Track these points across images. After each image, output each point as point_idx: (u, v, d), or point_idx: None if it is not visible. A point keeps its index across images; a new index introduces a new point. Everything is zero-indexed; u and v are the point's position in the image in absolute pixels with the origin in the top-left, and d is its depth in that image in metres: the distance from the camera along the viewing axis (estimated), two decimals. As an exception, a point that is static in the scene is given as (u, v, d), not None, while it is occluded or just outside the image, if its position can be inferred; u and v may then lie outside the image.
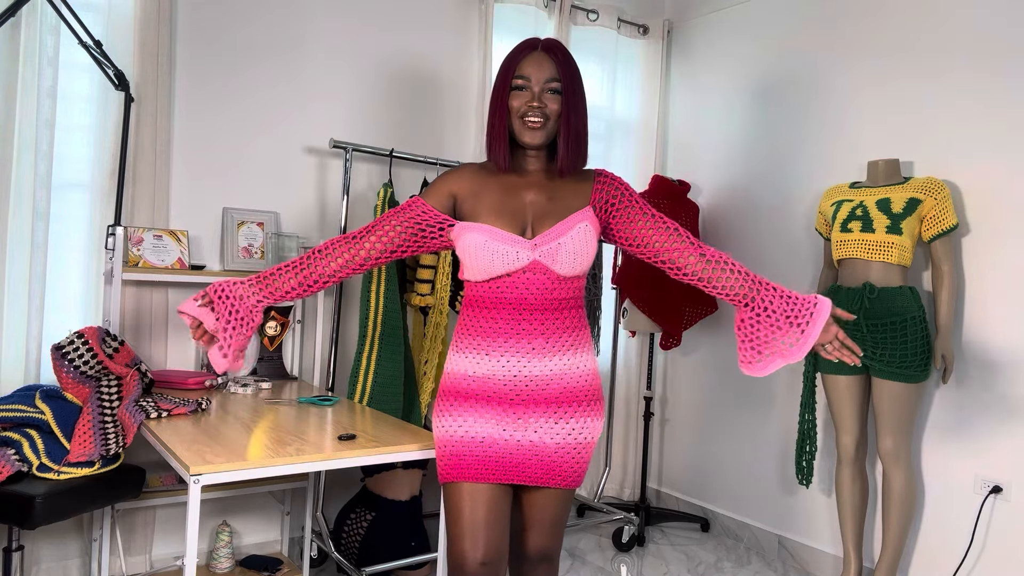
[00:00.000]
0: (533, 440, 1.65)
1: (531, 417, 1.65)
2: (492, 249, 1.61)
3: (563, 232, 1.64)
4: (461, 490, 1.64)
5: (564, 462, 1.68)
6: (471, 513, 1.62)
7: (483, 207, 1.67)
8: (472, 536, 1.61)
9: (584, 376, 1.70)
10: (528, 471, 1.66)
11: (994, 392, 2.66)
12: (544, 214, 1.66)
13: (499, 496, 1.65)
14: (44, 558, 2.52)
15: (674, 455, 3.86)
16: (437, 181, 1.73)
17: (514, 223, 1.65)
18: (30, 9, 2.37)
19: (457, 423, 1.66)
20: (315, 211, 3.02)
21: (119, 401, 2.16)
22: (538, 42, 1.68)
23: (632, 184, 3.87)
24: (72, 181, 2.56)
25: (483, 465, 1.63)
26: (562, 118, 1.65)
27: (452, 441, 1.66)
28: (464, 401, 1.67)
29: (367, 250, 1.70)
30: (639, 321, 3.42)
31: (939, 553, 2.78)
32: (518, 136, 1.66)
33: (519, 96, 1.65)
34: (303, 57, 2.96)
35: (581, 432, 1.68)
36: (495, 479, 1.64)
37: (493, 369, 1.65)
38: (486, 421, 1.65)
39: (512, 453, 1.65)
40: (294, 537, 3.00)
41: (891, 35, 3.00)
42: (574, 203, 1.69)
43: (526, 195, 1.68)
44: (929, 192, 2.61)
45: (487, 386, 1.66)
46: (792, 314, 1.65)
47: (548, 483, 1.68)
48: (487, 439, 1.64)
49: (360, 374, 2.73)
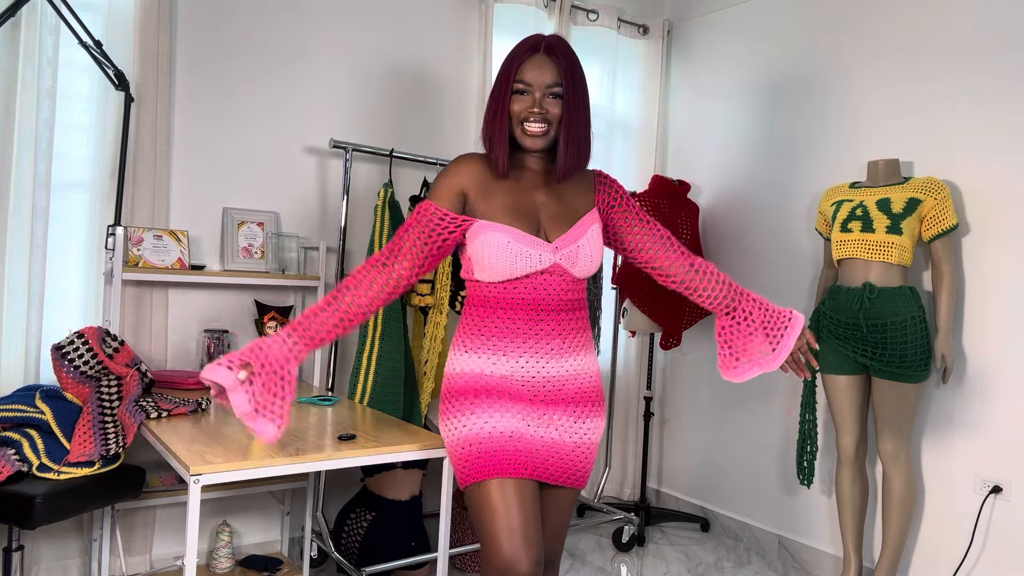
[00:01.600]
0: (555, 438, 1.65)
1: (554, 415, 1.65)
2: (515, 251, 1.59)
3: (580, 235, 1.64)
4: (501, 487, 1.54)
5: (579, 461, 1.68)
6: (519, 510, 1.53)
7: (496, 207, 1.63)
8: (523, 535, 1.51)
9: (592, 376, 1.72)
10: (551, 469, 1.65)
11: (994, 392, 2.66)
12: (555, 216, 1.66)
13: (536, 493, 1.60)
14: (44, 558, 2.52)
15: (674, 455, 3.86)
16: (442, 180, 1.65)
17: (528, 225, 1.63)
18: (30, 9, 2.37)
19: (482, 420, 1.60)
20: (315, 211, 3.02)
21: (119, 401, 2.16)
22: (540, 43, 1.64)
23: (632, 184, 3.87)
24: (72, 181, 2.56)
25: (515, 460, 1.57)
26: (563, 123, 1.63)
27: (480, 438, 1.58)
28: (486, 398, 1.62)
29: (399, 272, 1.60)
30: (639, 321, 3.42)
31: (939, 553, 2.78)
32: (519, 141, 1.65)
33: (520, 101, 1.62)
34: (303, 57, 2.96)
35: (592, 432, 1.70)
36: (527, 474, 1.58)
37: (512, 370, 1.63)
38: (512, 416, 1.62)
39: (538, 449, 1.63)
40: (294, 537, 3.00)
41: (891, 36, 3.00)
42: (582, 205, 1.70)
43: (536, 196, 1.67)
44: (929, 192, 2.61)
45: (506, 384, 1.63)
46: (769, 325, 1.73)
47: (565, 482, 1.67)
48: (515, 433, 1.60)
49: (360, 374, 2.73)
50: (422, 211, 1.62)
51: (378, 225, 2.76)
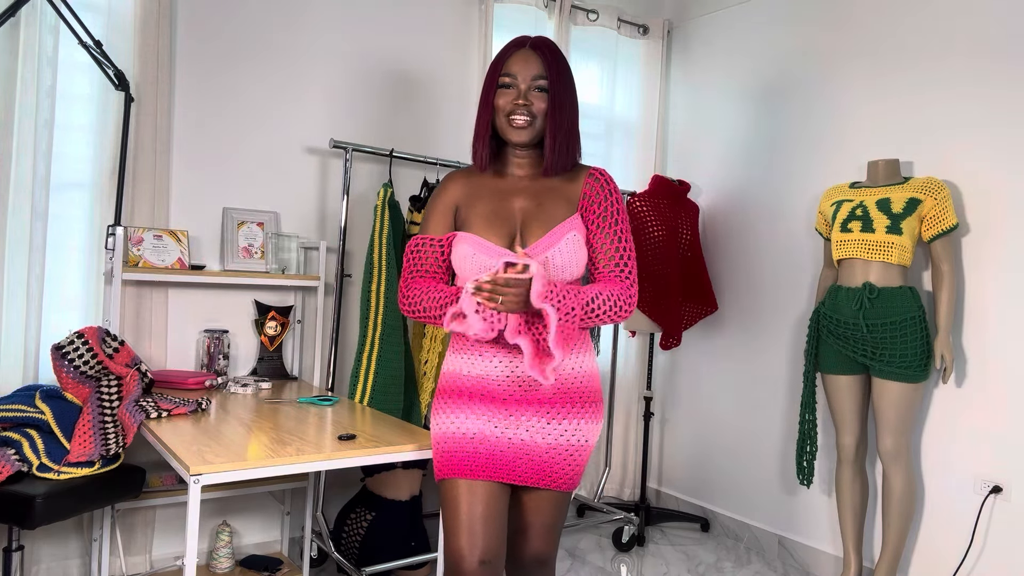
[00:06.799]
0: (524, 439, 1.65)
1: (523, 416, 1.64)
2: (480, 262, 1.61)
3: (552, 244, 1.62)
4: (456, 487, 1.62)
5: (556, 463, 1.66)
6: (468, 510, 1.61)
7: (474, 214, 1.67)
8: (469, 533, 1.59)
9: (580, 377, 1.68)
10: (519, 470, 1.65)
11: (994, 392, 2.66)
12: (532, 221, 1.65)
13: (496, 494, 1.64)
14: (44, 558, 2.52)
15: (674, 455, 3.86)
16: (431, 206, 1.73)
17: (503, 232, 1.65)
18: (30, 9, 2.37)
19: (450, 420, 1.66)
20: (315, 211, 3.01)
21: (119, 401, 2.16)
22: (527, 40, 1.67)
23: (632, 184, 3.87)
24: (72, 181, 2.56)
25: (474, 461, 1.63)
26: (548, 116, 1.63)
27: (445, 437, 1.66)
28: (458, 399, 1.67)
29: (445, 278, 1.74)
30: (639, 321, 3.42)
31: (939, 553, 2.78)
32: (504, 135, 1.66)
33: (505, 94, 1.64)
34: (303, 57, 2.96)
35: (575, 434, 1.66)
36: (486, 476, 1.63)
37: (487, 369, 1.65)
38: (478, 418, 1.65)
39: (503, 451, 1.64)
40: (294, 537, 3.00)
41: (892, 36, 3.00)
42: (562, 210, 1.66)
43: (515, 201, 1.68)
44: (929, 192, 2.61)
45: (480, 385, 1.66)
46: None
47: (540, 484, 1.66)
48: (478, 435, 1.64)
49: (360, 374, 2.72)
50: (409, 247, 1.72)
51: (378, 225, 2.76)
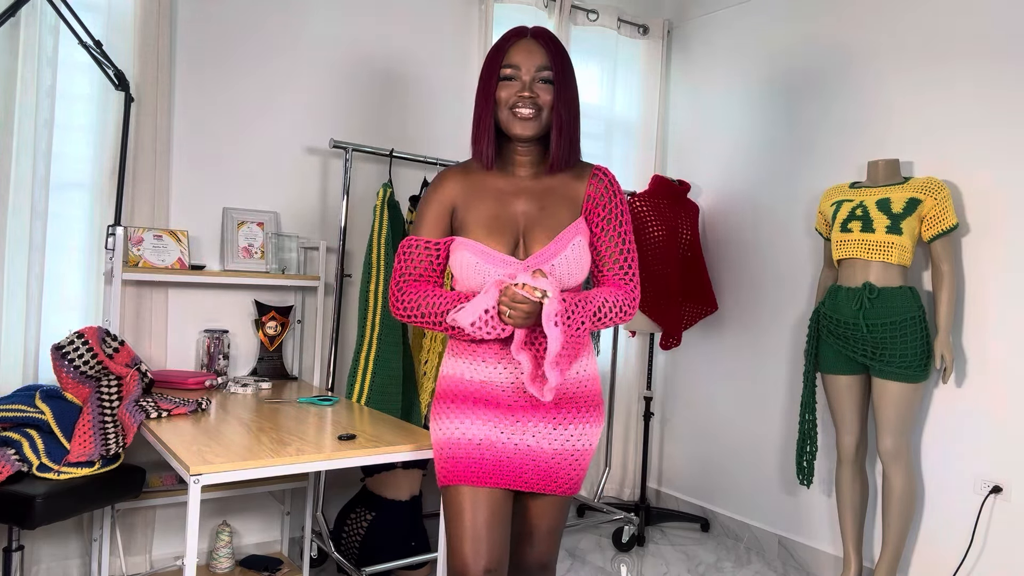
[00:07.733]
0: (531, 445, 1.61)
1: (529, 421, 1.61)
2: (484, 271, 1.56)
3: (558, 251, 1.57)
4: (461, 494, 1.59)
5: (561, 469, 1.63)
6: (473, 517, 1.57)
7: (474, 218, 1.60)
8: (474, 541, 1.56)
9: (583, 381, 1.65)
10: (525, 476, 1.62)
11: (993, 392, 2.66)
12: (536, 226, 1.59)
13: (500, 501, 1.61)
14: (44, 558, 2.52)
15: (674, 455, 3.86)
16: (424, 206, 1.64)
17: (505, 237, 1.58)
18: (30, 9, 2.37)
19: (454, 425, 1.61)
20: (315, 211, 3.01)
21: (119, 401, 2.16)
22: (526, 30, 1.60)
23: (632, 184, 3.87)
24: (71, 181, 2.56)
25: (480, 468, 1.59)
26: (554, 110, 1.56)
27: (449, 443, 1.61)
28: (462, 403, 1.62)
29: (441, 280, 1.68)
30: (639, 321, 3.42)
31: (939, 553, 2.78)
32: (508, 128, 1.57)
33: (508, 86, 1.56)
34: (303, 57, 2.96)
35: (580, 439, 1.64)
36: (493, 483, 1.59)
37: (490, 375, 1.61)
38: (483, 423, 1.60)
39: (509, 457, 1.60)
40: (294, 537, 3.00)
41: (891, 36, 3.00)
42: (566, 213, 1.61)
43: (517, 204, 1.61)
44: (929, 192, 2.61)
45: (484, 390, 1.61)
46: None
47: (545, 489, 1.63)
48: (484, 441, 1.60)
49: (358, 375, 2.72)
50: (403, 248, 1.63)
51: (378, 225, 2.76)
